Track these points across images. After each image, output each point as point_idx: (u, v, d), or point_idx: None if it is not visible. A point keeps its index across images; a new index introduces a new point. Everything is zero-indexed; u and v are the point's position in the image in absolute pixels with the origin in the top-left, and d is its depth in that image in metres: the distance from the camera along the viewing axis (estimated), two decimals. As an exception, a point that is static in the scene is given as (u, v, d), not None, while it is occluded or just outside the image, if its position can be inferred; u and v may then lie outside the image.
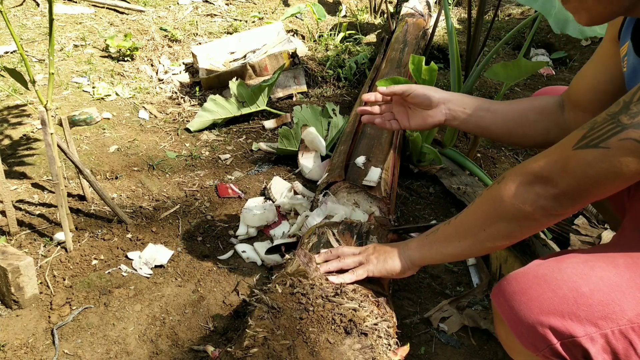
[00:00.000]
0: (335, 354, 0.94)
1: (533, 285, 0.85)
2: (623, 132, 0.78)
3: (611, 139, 0.79)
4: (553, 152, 0.87)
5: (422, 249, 1.07)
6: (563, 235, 1.62)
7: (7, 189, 1.55)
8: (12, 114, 2.25)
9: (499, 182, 0.93)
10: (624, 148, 0.78)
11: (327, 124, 2.18)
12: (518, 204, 0.88)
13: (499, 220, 0.92)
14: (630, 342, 0.81)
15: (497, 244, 0.95)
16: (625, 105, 0.80)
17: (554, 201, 0.85)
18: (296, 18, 3.55)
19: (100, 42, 3.00)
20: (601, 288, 0.82)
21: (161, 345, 1.27)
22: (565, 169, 0.84)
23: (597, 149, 0.80)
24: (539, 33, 3.49)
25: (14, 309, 1.35)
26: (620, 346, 0.81)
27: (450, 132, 2.09)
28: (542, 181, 0.86)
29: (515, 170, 0.91)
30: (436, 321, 1.39)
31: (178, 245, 1.62)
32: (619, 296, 0.81)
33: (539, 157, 0.89)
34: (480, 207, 0.96)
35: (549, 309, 0.82)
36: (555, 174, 0.85)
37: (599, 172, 0.80)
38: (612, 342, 0.81)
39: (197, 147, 2.20)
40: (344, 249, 1.17)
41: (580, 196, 0.84)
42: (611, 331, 0.81)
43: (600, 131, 0.81)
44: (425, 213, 1.85)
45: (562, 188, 0.84)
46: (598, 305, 0.81)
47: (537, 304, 0.83)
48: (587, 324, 0.81)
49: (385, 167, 1.69)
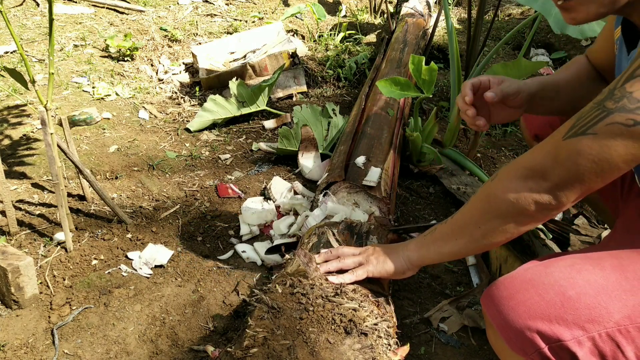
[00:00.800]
0: (335, 354, 0.94)
1: (520, 290, 0.85)
2: (609, 116, 0.78)
3: (598, 124, 0.79)
4: (544, 145, 0.87)
5: (421, 249, 1.07)
6: (563, 236, 1.62)
7: (7, 189, 1.55)
8: (12, 114, 2.25)
9: (492, 179, 0.93)
10: (611, 132, 0.78)
11: (327, 124, 2.18)
12: (512, 200, 0.88)
13: (494, 216, 0.92)
14: (617, 345, 0.81)
15: (493, 241, 0.95)
16: (610, 92, 0.80)
17: (548, 194, 0.85)
18: (296, 18, 3.55)
19: (100, 42, 3.00)
20: (587, 291, 0.82)
21: (161, 345, 1.27)
22: (557, 160, 0.84)
23: (585, 136, 0.80)
24: (539, 33, 3.49)
25: (14, 309, 1.35)
26: (607, 349, 0.81)
27: (450, 132, 2.09)
28: (534, 175, 0.86)
29: (508, 167, 0.91)
30: (436, 321, 1.39)
31: (178, 245, 1.62)
32: (605, 299, 0.81)
33: (530, 152, 0.89)
34: (475, 204, 0.96)
35: (536, 314, 0.82)
36: (547, 166, 0.85)
37: (589, 159, 0.80)
38: (599, 345, 0.81)
39: (197, 147, 2.20)
40: (344, 249, 1.17)
41: (573, 187, 0.84)
42: (598, 334, 0.80)
43: (587, 119, 0.81)
44: (425, 213, 1.85)
45: (555, 180, 0.84)
46: (584, 308, 0.81)
47: (525, 309, 0.83)
48: (574, 327, 0.81)
49: (385, 167, 1.69)
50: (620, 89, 0.79)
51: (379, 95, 2.12)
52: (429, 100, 2.65)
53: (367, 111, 2.06)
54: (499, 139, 2.42)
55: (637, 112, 0.76)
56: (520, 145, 2.37)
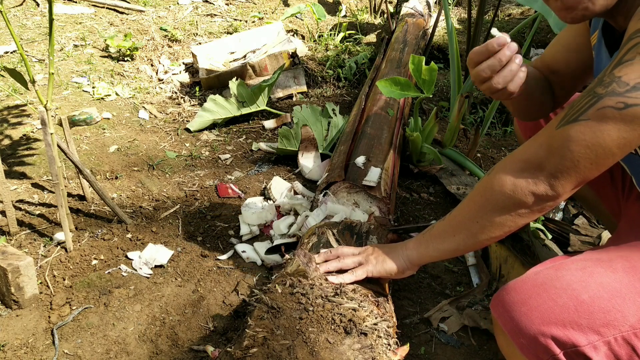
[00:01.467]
0: (335, 354, 0.94)
1: (532, 295, 0.84)
2: (599, 101, 0.78)
3: (589, 110, 0.80)
4: (538, 137, 0.88)
5: (420, 247, 1.07)
6: (563, 236, 1.62)
7: (7, 189, 1.56)
8: (12, 114, 2.25)
9: (488, 173, 0.94)
10: (602, 116, 0.78)
11: (327, 124, 2.18)
12: (508, 192, 0.88)
13: (491, 210, 0.92)
14: (633, 348, 0.80)
15: (491, 235, 0.94)
16: (599, 80, 0.81)
17: (544, 184, 0.85)
18: (296, 18, 3.55)
19: (100, 42, 3.00)
20: (601, 295, 0.81)
21: (161, 345, 1.27)
22: (551, 149, 0.84)
23: (577, 122, 0.81)
24: (539, 33, 3.49)
25: (14, 309, 1.35)
26: (623, 352, 0.80)
27: (450, 132, 2.09)
28: (530, 167, 0.86)
29: (504, 160, 0.91)
30: (436, 321, 1.39)
31: (178, 245, 1.62)
32: (620, 302, 0.81)
33: (525, 144, 0.90)
34: (472, 199, 0.96)
35: (550, 319, 0.81)
36: (541, 156, 0.85)
37: (583, 145, 0.80)
38: (615, 349, 0.80)
39: (197, 147, 2.20)
40: (344, 249, 1.17)
41: (569, 175, 0.84)
42: (614, 338, 0.80)
43: (578, 106, 0.82)
44: (425, 213, 1.85)
45: (550, 170, 0.84)
46: (599, 312, 0.80)
47: (538, 314, 0.82)
48: (589, 332, 0.80)
49: (385, 167, 1.69)
50: (609, 74, 0.79)
51: (379, 95, 2.12)
52: (429, 100, 2.65)
53: (367, 111, 2.06)
54: (499, 139, 2.42)
55: (627, 95, 0.76)
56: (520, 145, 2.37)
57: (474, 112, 2.64)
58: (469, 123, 2.53)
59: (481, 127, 2.22)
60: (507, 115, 2.65)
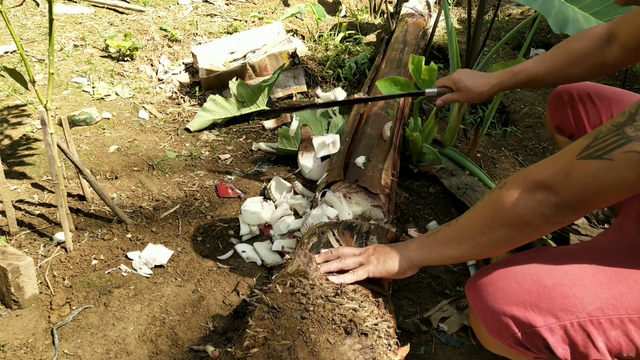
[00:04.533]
0: (336, 354, 0.94)
1: (501, 277, 0.90)
2: (627, 144, 0.77)
3: (615, 150, 0.78)
4: (556, 160, 0.87)
5: (422, 250, 1.07)
6: (563, 235, 1.63)
7: (7, 189, 1.55)
8: (12, 114, 2.25)
9: (500, 187, 0.93)
10: (628, 161, 0.77)
11: (327, 124, 2.18)
12: (519, 210, 0.88)
13: (499, 225, 0.92)
14: (588, 335, 0.84)
15: (496, 249, 0.96)
16: (630, 116, 0.79)
17: (555, 209, 0.85)
18: (296, 18, 3.55)
19: (100, 42, 3.00)
20: (564, 282, 0.86)
21: (161, 345, 1.27)
22: (568, 178, 0.83)
23: (601, 160, 0.79)
24: (539, 33, 3.50)
25: (14, 309, 1.35)
26: (579, 338, 0.84)
27: (450, 132, 2.09)
28: (544, 189, 0.86)
29: (518, 176, 0.90)
30: (436, 321, 1.39)
31: (178, 245, 1.62)
32: (580, 290, 0.85)
33: (541, 164, 0.89)
34: (481, 211, 0.96)
35: (512, 300, 0.87)
36: (557, 182, 0.84)
37: (602, 184, 0.80)
38: (570, 334, 0.84)
39: (197, 147, 2.20)
40: (345, 249, 1.17)
41: (582, 205, 0.84)
42: (570, 323, 0.84)
43: (604, 142, 0.80)
44: (425, 213, 1.85)
45: (564, 197, 0.84)
46: (559, 297, 0.85)
47: (502, 295, 0.88)
48: (547, 315, 0.85)
49: (385, 167, 1.69)
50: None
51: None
52: (429, 100, 2.65)
53: (366, 111, 2.06)
54: (499, 139, 2.42)
55: None
56: (520, 146, 2.37)
57: (474, 112, 2.64)
58: (469, 123, 2.53)
59: (481, 127, 2.23)
60: (507, 116, 2.65)
